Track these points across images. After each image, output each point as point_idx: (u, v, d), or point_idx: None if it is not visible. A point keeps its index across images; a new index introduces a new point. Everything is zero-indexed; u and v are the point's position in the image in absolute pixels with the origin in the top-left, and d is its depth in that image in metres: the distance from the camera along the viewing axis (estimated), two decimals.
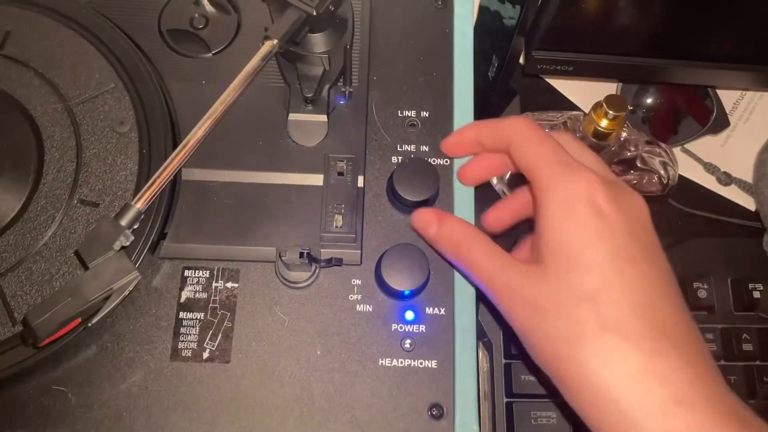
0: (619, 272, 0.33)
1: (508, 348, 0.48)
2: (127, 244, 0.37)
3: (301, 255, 0.40)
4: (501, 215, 0.44)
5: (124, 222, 0.36)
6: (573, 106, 0.56)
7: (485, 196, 0.53)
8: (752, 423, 0.30)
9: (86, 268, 0.35)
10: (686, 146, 0.56)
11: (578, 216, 0.34)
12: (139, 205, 0.37)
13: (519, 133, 0.38)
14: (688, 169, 0.55)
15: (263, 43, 0.41)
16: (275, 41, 0.41)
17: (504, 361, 0.48)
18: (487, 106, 0.55)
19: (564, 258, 0.34)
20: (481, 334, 0.49)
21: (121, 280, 0.35)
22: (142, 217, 0.37)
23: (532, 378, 0.48)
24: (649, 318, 0.32)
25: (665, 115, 0.57)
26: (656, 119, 0.56)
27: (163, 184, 0.38)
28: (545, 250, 0.35)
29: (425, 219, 0.42)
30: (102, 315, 0.35)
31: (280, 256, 0.40)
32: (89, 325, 0.36)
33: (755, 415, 0.31)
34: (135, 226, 0.37)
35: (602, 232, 0.33)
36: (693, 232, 0.54)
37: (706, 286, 0.50)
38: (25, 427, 0.39)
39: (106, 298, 0.35)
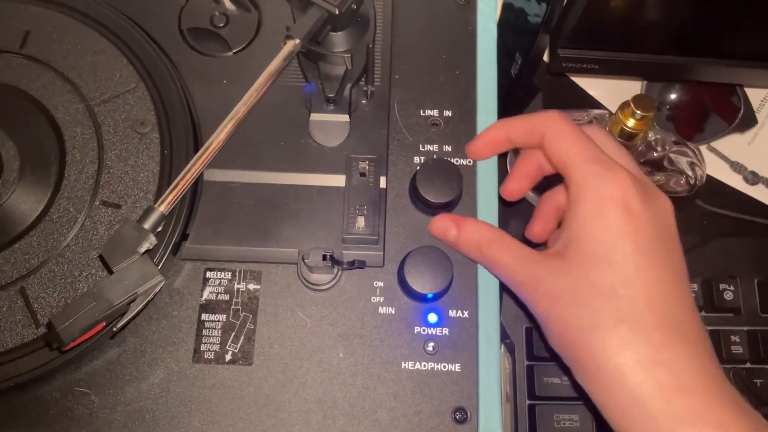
0: (639, 270, 0.35)
1: (531, 350, 0.48)
2: (151, 247, 0.37)
3: (324, 257, 0.40)
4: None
5: (147, 225, 0.36)
6: (596, 103, 0.55)
7: (509, 213, 0.52)
8: (747, 410, 0.33)
9: (110, 272, 0.35)
10: (712, 144, 0.55)
11: (609, 215, 0.35)
12: (163, 208, 0.37)
13: (552, 127, 0.39)
14: (714, 168, 0.54)
15: (285, 43, 0.41)
16: (297, 41, 0.41)
17: (527, 362, 0.48)
18: (509, 104, 0.55)
19: (589, 253, 0.36)
20: (503, 336, 0.49)
21: (146, 284, 0.35)
22: (165, 220, 0.37)
23: (555, 380, 0.47)
24: (661, 313, 0.34)
25: (691, 113, 0.56)
26: (681, 117, 0.55)
27: (186, 187, 0.38)
28: (572, 243, 0.36)
29: (443, 225, 0.42)
30: (127, 320, 0.35)
31: (303, 259, 0.40)
32: (114, 329, 0.36)
33: (750, 405, 0.34)
34: (158, 230, 0.37)
35: (629, 232, 0.35)
36: (719, 232, 0.53)
37: (732, 288, 0.49)
38: (49, 428, 0.39)
39: (131, 303, 0.35)
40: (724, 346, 0.49)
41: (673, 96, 0.56)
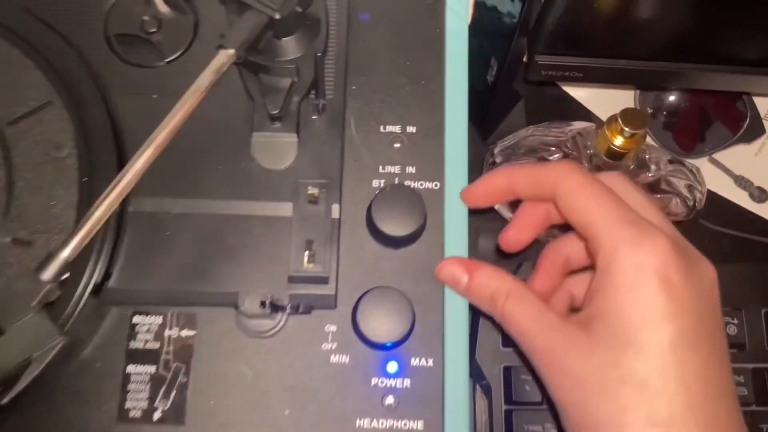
0: (679, 361, 0.30)
1: (510, 393, 0.43)
2: (53, 298, 0.31)
3: (263, 304, 0.35)
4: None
5: (46, 275, 0.31)
6: (584, 111, 0.49)
7: (479, 225, 0.47)
8: None
9: (1, 332, 0.30)
10: (714, 156, 0.50)
11: (644, 290, 0.30)
12: (67, 253, 0.31)
13: (567, 181, 0.34)
14: (717, 182, 0.49)
15: (218, 53, 0.36)
16: (231, 51, 0.36)
17: (504, 407, 0.43)
18: (487, 112, 0.49)
19: (620, 334, 0.31)
20: (478, 377, 0.44)
21: (42, 345, 0.30)
22: (70, 268, 0.31)
23: (536, 428, 0.42)
24: (702, 416, 0.29)
25: (690, 121, 0.50)
26: (680, 125, 0.50)
27: (96, 227, 0.32)
28: (598, 318, 0.32)
29: (452, 270, 0.37)
30: (18, 390, 0.30)
31: (236, 307, 0.35)
32: (1, 403, 0.30)
33: None
34: (63, 278, 0.32)
35: (668, 312, 0.30)
36: (721, 255, 0.47)
37: (735, 321, 0.44)
38: None
39: (26, 367, 0.30)
40: None
41: (670, 101, 0.50)
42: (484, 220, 0.48)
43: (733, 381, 0.32)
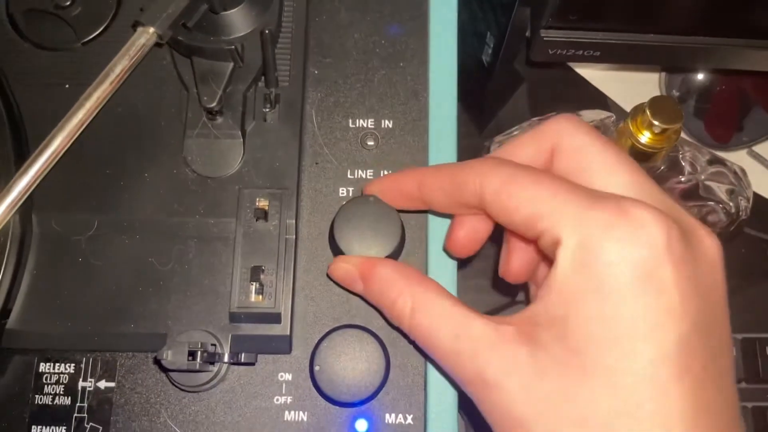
0: (661, 391, 0.22)
1: None
2: None
3: (192, 354, 0.27)
4: (523, 256, 0.30)
5: None
6: (601, 98, 0.42)
7: None
8: None
9: None
10: (755, 149, 0.42)
11: (616, 294, 0.23)
12: None
13: (494, 178, 0.26)
14: (759, 180, 0.42)
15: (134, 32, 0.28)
16: (151, 29, 0.28)
17: None
18: (482, 101, 0.41)
19: (576, 352, 0.23)
20: (470, 414, 0.37)
21: None
22: None
23: None
24: None
25: (726, 107, 0.43)
26: (713, 112, 0.43)
27: None
28: (548, 328, 0.24)
29: (344, 275, 0.30)
30: None
31: (156, 360, 0.27)
32: None
33: None
34: None
35: (649, 325, 0.23)
36: (766, 268, 0.40)
37: None
38: None
39: None
40: None
41: (701, 83, 0.43)
42: None
43: (737, 403, 0.25)
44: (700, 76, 0.43)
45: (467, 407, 0.28)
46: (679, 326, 0.23)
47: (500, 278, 0.31)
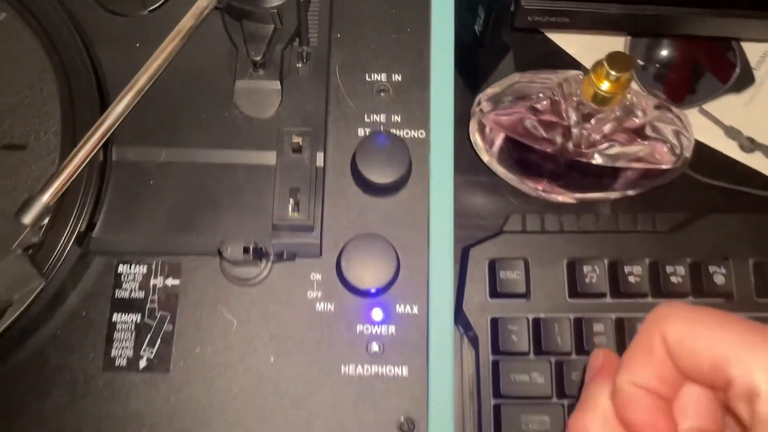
0: None
1: (496, 343, 0.43)
2: (35, 241, 0.31)
3: (246, 250, 0.34)
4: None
5: (27, 219, 0.31)
6: (576, 66, 0.49)
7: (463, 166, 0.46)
8: None
9: None
10: (704, 107, 0.49)
11: None
12: (46, 198, 0.31)
13: (676, 321, 0.25)
14: (707, 133, 0.48)
15: None
16: None
17: (492, 357, 0.43)
18: (474, 66, 0.48)
19: None
20: (466, 327, 0.44)
21: (23, 288, 0.30)
22: (50, 212, 0.31)
23: (523, 377, 0.42)
24: None
25: (682, 72, 0.49)
26: (671, 76, 0.49)
27: (75, 172, 0.32)
28: None
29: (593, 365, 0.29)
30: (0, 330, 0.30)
31: (220, 253, 0.35)
32: None
33: None
34: (43, 223, 0.32)
35: None
36: (710, 206, 0.47)
37: (724, 270, 0.43)
38: None
39: (5, 310, 0.30)
40: None
41: (661, 52, 0.49)
42: (468, 174, 0.47)
43: None
44: (662, 46, 0.50)
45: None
46: None
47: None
